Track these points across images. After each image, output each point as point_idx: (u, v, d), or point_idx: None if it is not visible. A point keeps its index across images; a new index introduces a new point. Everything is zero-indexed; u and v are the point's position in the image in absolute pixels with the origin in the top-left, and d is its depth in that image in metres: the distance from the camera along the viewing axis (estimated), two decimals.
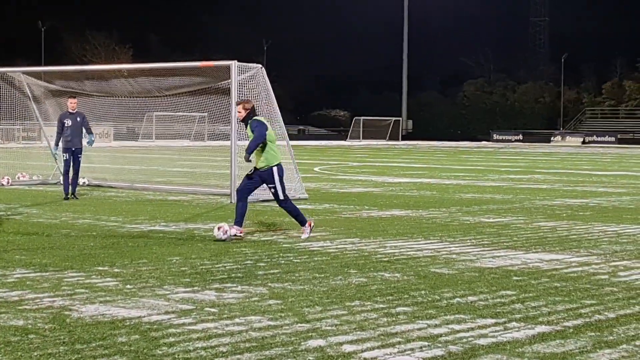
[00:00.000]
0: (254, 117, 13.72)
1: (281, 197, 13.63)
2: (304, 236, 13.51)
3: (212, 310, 8.36)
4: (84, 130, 20.31)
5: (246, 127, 13.78)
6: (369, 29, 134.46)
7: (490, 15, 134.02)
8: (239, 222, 13.42)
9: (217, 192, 21.82)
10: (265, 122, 13.77)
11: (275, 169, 13.59)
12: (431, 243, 13.40)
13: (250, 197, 18.28)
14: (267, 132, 13.52)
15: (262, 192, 20.90)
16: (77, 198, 20.14)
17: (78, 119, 20.18)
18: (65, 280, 9.84)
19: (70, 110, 20.20)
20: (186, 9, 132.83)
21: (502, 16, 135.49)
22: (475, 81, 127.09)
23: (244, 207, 13.58)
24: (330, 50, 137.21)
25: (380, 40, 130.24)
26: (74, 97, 20.75)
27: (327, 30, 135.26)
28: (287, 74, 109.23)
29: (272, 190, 13.71)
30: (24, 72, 26.10)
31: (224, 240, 13.02)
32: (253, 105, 13.90)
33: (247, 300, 8.85)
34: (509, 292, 9.48)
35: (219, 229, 13.18)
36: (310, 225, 13.68)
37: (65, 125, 19.99)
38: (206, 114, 29.36)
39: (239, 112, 13.76)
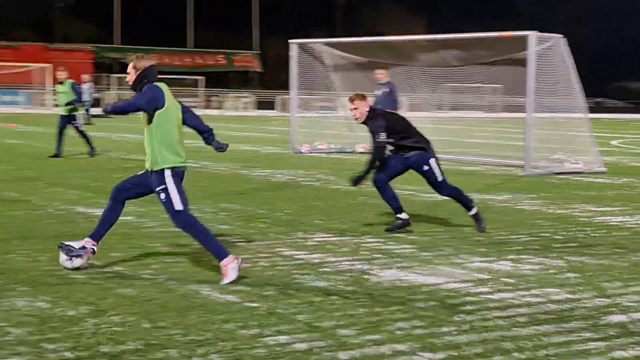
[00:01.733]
0: (154, 83, 8.26)
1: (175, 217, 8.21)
2: (224, 281, 7.97)
3: (509, 280, 8.32)
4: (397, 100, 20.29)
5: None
6: None
7: None
8: (95, 234, 8.51)
9: (510, 163, 21.55)
10: (167, 91, 8.24)
11: (168, 172, 8.18)
12: None
13: (542, 171, 17.71)
14: (161, 108, 8.11)
15: (554, 165, 20.56)
16: None
17: (387, 89, 20.33)
18: (363, 246, 10.09)
19: (379, 82, 20.41)
20: None
21: None
22: None
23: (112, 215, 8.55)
24: (631, 20, 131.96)
25: None
26: (382, 69, 20.91)
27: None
28: (585, 44, 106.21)
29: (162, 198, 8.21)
30: (325, 43, 26.85)
31: (69, 268, 8.34)
32: (152, 65, 8.33)
33: (544, 272, 8.74)
34: None
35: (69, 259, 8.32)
36: (236, 260, 8.04)
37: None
38: (501, 85, 29.06)
39: (127, 72, 8.42)
